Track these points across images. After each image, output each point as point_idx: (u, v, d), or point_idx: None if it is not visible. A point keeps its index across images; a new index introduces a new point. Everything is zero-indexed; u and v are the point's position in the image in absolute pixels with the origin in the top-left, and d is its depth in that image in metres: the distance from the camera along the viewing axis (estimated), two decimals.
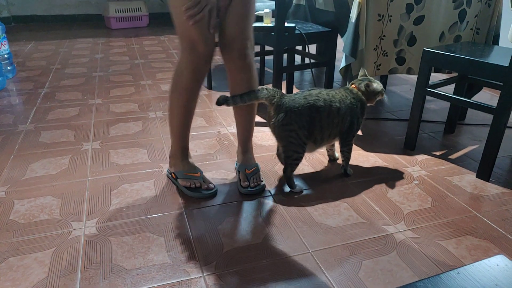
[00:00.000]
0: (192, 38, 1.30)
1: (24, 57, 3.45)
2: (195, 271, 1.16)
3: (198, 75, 1.39)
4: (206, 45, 1.32)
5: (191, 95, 1.43)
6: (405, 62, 2.02)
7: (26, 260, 1.19)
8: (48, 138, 1.97)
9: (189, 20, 1.24)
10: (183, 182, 1.53)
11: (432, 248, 1.26)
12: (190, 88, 1.41)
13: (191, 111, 1.48)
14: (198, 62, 1.35)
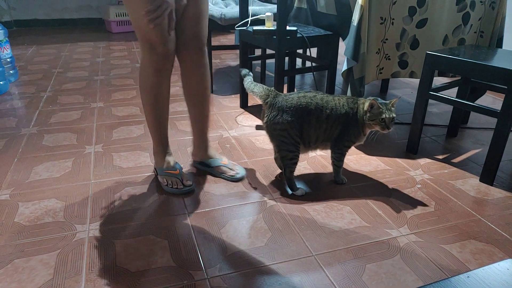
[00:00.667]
0: (151, 39, 1.34)
1: (26, 61, 3.46)
2: (199, 273, 1.16)
3: (161, 73, 1.44)
4: (165, 46, 1.37)
5: (157, 92, 1.48)
6: (408, 65, 2.02)
7: (32, 262, 1.19)
8: (51, 141, 1.97)
9: (149, 23, 1.28)
10: (161, 178, 1.59)
11: (436, 252, 1.26)
12: (155, 85, 1.46)
13: (161, 108, 1.52)
14: (158, 61, 1.40)
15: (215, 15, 2.46)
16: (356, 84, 1.88)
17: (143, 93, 1.50)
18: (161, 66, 1.42)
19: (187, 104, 1.63)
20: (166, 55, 1.40)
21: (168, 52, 1.39)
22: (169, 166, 1.59)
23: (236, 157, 1.84)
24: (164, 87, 1.48)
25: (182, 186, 1.55)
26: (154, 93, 1.48)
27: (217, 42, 4.29)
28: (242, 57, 2.32)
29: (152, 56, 1.39)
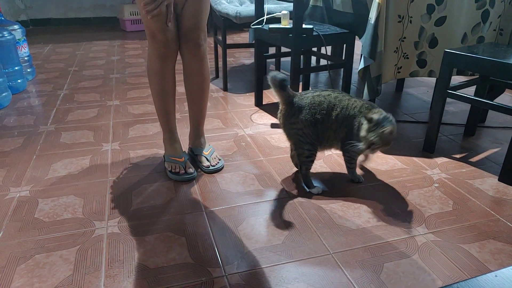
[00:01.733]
0: (151, 28, 1.48)
1: (43, 60, 3.51)
2: (217, 270, 1.16)
3: (163, 60, 1.55)
4: (164, 34, 1.49)
5: (161, 78, 1.59)
6: (427, 64, 2.00)
7: (52, 257, 1.21)
8: (68, 138, 1.99)
9: (147, 14, 1.41)
10: (167, 164, 1.68)
11: (455, 251, 1.25)
12: (159, 71, 1.57)
13: (166, 95, 1.63)
14: (159, 48, 1.52)
15: (230, 13, 2.46)
16: (373, 83, 1.87)
17: (150, 80, 1.62)
18: (163, 53, 1.53)
19: (186, 94, 1.72)
20: (165, 43, 1.51)
21: (167, 40, 1.51)
22: (175, 153, 1.69)
23: (252, 155, 1.84)
24: (167, 75, 1.59)
25: (184, 172, 1.64)
26: (159, 79, 1.59)
27: (231, 40, 4.30)
28: (257, 55, 2.32)
29: (154, 44, 1.52)
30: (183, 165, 1.66)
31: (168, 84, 1.61)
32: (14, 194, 1.53)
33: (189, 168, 1.66)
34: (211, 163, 1.72)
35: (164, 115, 1.67)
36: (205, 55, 1.63)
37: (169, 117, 1.68)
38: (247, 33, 4.80)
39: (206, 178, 1.65)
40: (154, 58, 1.55)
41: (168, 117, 1.68)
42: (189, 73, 1.65)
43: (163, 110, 1.66)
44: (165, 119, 1.68)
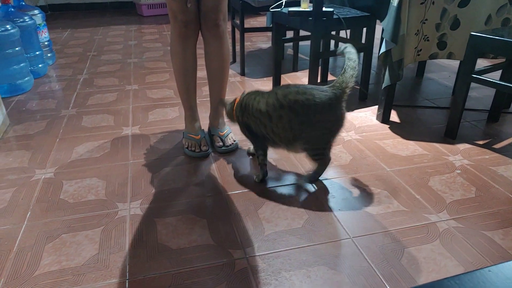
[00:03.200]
0: (173, 9, 1.55)
1: (62, 44, 3.54)
2: (238, 252, 1.18)
3: (184, 40, 1.62)
4: (184, 14, 1.55)
5: (183, 57, 1.66)
6: (447, 46, 1.96)
7: (78, 237, 1.24)
8: (89, 122, 2.02)
9: None
10: (184, 141, 1.76)
11: (477, 238, 1.24)
12: (181, 50, 1.65)
13: (187, 73, 1.70)
14: (180, 28, 1.59)
15: None
16: (395, 67, 1.84)
17: (172, 59, 1.69)
18: (184, 33, 1.60)
19: (208, 75, 1.77)
20: (185, 23, 1.58)
21: (187, 20, 1.57)
22: (193, 131, 1.76)
23: None
24: (188, 54, 1.66)
25: (199, 150, 1.71)
26: (180, 58, 1.66)
27: (248, 24, 4.26)
28: (276, 39, 2.30)
29: (175, 24, 1.59)
30: (198, 142, 1.72)
31: (189, 63, 1.68)
32: (39, 176, 1.56)
33: (204, 146, 1.72)
34: (224, 143, 1.76)
35: (185, 93, 1.74)
36: (224, 35, 1.67)
37: (189, 95, 1.74)
38: (263, 17, 4.75)
39: (225, 162, 1.66)
40: (176, 38, 1.63)
41: (188, 94, 1.74)
42: (209, 54, 1.70)
43: (185, 88, 1.72)
44: (186, 97, 1.75)
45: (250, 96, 1.46)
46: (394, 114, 2.12)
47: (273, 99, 1.36)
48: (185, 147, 1.73)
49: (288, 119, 1.34)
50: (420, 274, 1.11)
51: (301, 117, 1.33)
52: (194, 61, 1.70)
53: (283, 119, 1.35)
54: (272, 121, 1.37)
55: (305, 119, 1.34)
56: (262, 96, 1.42)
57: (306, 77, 2.68)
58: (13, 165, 1.64)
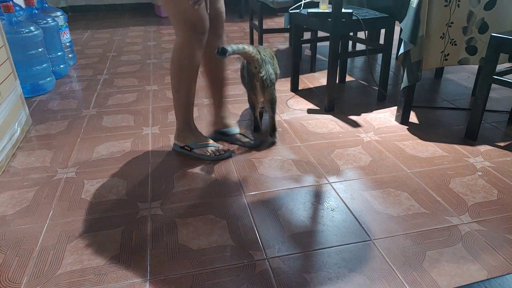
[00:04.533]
0: (195, 19, 1.49)
1: (82, 45, 3.60)
2: (258, 254, 1.18)
3: (200, 50, 1.57)
4: (204, 23, 1.53)
5: (197, 68, 1.61)
6: (477, 51, 1.91)
7: (100, 236, 1.26)
8: (110, 122, 2.05)
9: (196, 4, 1.44)
10: (200, 151, 1.70)
11: (500, 241, 1.22)
12: (197, 61, 1.59)
13: (195, 85, 1.65)
14: (201, 39, 1.55)
15: None
16: (413, 68, 1.82)
17: (184, 73, 1.59)
18: (202, 43, 1.56)
19: (211, 78, 1.77)
20: (205, 32, 1.55)
21: (207, 28, 1.55)
22: (202, 139, 1.73)
23: (289, 140, 1.84)
24: (199, 63, 1.62)
25: (223, 152, 1.71)
26: (195, 69, 1.60)
27: (265, 25, 4.27)
28: (294, 40, 2.30)
29: (195, 36, 1.52)
30: (216, 146, 1.72)
31: (197, 73, 1.64)
32: (61, 175, 1.59)
33: (222, 148, 1.73)
34: (249, 138, 1.80)
35: (189, 106, 1.68)
36: (224, 34, 1.71)
37: (192, 108, 1.70)
38: (281, 18, 4.75)
39: (245, 163, 1.67)
40: (193, 50, 1.54)
41: (191, 107, 1.69)
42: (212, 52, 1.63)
43: (190, 101, 1.67)
44: (189, 110, 1.69)
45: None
46: (413, 115, 2.10)
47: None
48: (207, 155, 1.69)
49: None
50: (443, 278, 1.09)
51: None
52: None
53: None
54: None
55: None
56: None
57: (324, 78, 2.67)
58: (36, 164, 1.67)
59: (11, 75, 1.87)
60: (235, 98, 2.34)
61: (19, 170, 1.63)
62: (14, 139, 1.79)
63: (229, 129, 1.84)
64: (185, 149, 1.72)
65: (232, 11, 5.15)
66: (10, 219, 1.35)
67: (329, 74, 2.09)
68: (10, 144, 1.73)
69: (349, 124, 2.01)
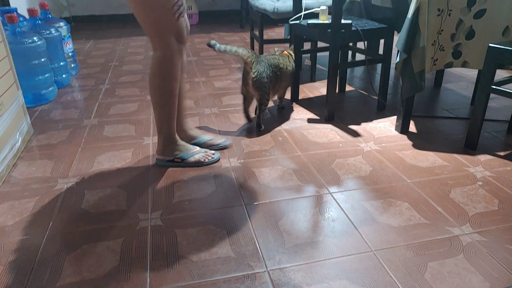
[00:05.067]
0: (178, 30, 1.48)
1: (85, 55, 3.62)
2: (258, 265, 1.18)
3: (180, 61, 1.56)
4: (187, 34, 1.54)
5: (179, 80, 1.59)
6: (461, 55, 1.94)
7: (99, 247, 1.25)
8: (111, 132, 2.06)
9: (181, 16, 1.46)
10: (194, 159, 1.72)
11: (502, 252, 1.22)
12: (179, 73, 1.57)
13: (177, 95, 1.63)
14: (182, 49, 1.54)
15: (268, 9, 2.46)
16: (417, 78, 1.83)
17: (170, 83, 1.56)
18: (182, 54, 1.55)
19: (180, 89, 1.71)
20: (185, 42, 1.55)
21: (187, 38, 1.55)
22: (190, 147, 1.75)
23: (289, 150, 1.85)
24: (179, 73, 1.60)
25: (212, 155, 1.76)
26: (178, 80, 1.59)
27: (266, 36, 4.29)
28: (295, 50, 2.31)
29: (177, 46, 1.51)
30: (203, 151, 1.76)
31: (179, 84, 1.62)
32: (62, 186, 1.59)
33: (211, 151, 1.77)
34: (220, 140, 1.87)
35: (173, 119, 1.65)
36: None
37: (175, 119, 1.67)
38: (281, 28, 4.78)
39: (245, 173, 1.67)
40: (175, 62, 1.52)
41: (175, 119, 1.66)
42: (183, 67, 1.65)
43: (174, 113, 1.64)
44: (173, 123, 1.66)
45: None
46: (412, 125, 2.10)
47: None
48: (202, 161, 1.71)
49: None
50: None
51: None
52: None
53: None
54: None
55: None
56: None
57: (324, 87, 2.68)
58: (36, 174, 1.68)
59: (13, 85, 1.88)
60: (235, 108, 2.34)
61: (20, 180, 1.63)
62: (15, 149, 1.79)
63: (198, 139, 1.84)
64: (176, 162, 1.71)
65: (233, 22, 5.18)
66: (9, 229, 1.34)
67: (329, 84, 2.10)
68: (11, 154, 1.74)
69: (349, 134, 2.01)
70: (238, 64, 3.26)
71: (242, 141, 1.93)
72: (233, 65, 3.22)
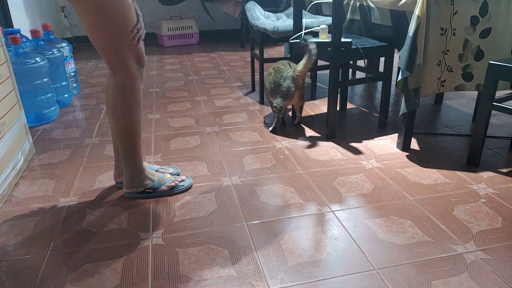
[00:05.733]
0: (138, 53, 1.43)
1: (86, 75, 3.65)
2: (261, 284, 1.16)
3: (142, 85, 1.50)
4: (144, 56, 1.47)
5: (141, 108, 1.53)
6: (473, 78, 1.94)
7: (100, 267, 1.24)
8: (112, 151, 2.05)
9: (141, 39, 1.41)
10: (165, 187, 1.64)
11: (508, 271, 1.20)
12: (141, 100, 1.51)
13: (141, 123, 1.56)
14: (142, 73, 1.49)
15: (268, 28, 2.49)
16: (411, 95, 1.84)
17: (134, 110, 1.48)
18: (142, 77, 1.50)
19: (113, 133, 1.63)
20: (144, 65, 1.49)
21: (145, 61, 1.48)
22: (160, 175, 1.67)
23: (290, 168, 1.85)
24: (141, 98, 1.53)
25: (182, 180, 1.68)
26: (141, 106, 1.52)
27: (266, 54, 4.34)
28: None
29: (138, 70, 1.45)
30: (173, 177, 1.69)
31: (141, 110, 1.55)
32: (63, 204, 1.59)
33: (181, 177, 1.70)
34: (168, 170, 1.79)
35: (140, 147, 1.57)
36: None
37: (141, 147, 1.59)
38: (281, 47, 4.83)
39: (246, 191, 1.67)
40: (138, 86, 1.46)
41: (141, 147, 1.58)
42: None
43: (139, 141, 1.56)
44: (140, 151, 1.58)
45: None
46: (414, 142, 2.11)
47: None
48: (173, 189, 1.64)
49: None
50: None
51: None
52: None
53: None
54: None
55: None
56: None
57: (324, 105, 2.69)
58: (38, 193, 1.67)
59: (16, 105, 1.90)
60: (235, 126, 2.35)
61: (21, 200, 1.63)
62: (17, 168, 1.79)
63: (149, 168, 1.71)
64: (147, 193, 1.61)
65: (233, 41, 5.25)
66: (11, 249, 1.34)
67: (329, 101, 2.11)
68: (13, 173, 1.74)
69: (350, 151, 2.01)
70: (239, 82, 3.28)
71: (243, 159, 1.94)
72: (234, 84, 3.24)
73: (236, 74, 3.59)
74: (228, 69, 3.78)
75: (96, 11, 1.30)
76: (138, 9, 1.40)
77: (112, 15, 1.32)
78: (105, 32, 1.35)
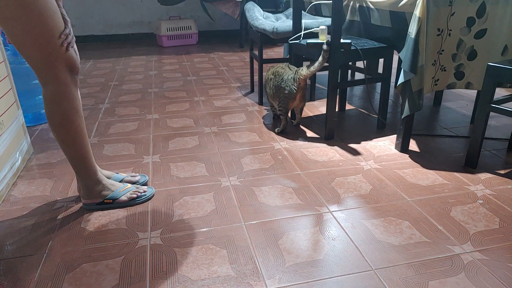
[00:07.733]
0: (71, 60, 1.35)
1: (85, 75, 3.65)
2: (259, 284, 1.17)
3: (77, 92, 1.42)
4: (78, 62, 1.39)
5: (82, 115, 1.45)
6: (464, 76, 1.96)
7: (98, 266, 1.24)
8: (110, 151, 2.06)
9: (70, 45, 1.33)
10: (125, 197, 1.57)
11: (504, 271, 1.21)
12: (80, 108, 1.44)
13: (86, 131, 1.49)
14: (77, 80, 1.41)
15: (267, 29, 2.50)
16: (415, 97, 1.85)
17: (72, 119, 1.41)
18: (77, 84, 1.41)
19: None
20: (79, 72, 1.41)
21: (79, 68, 1.41)
22: (120, 185, 1.60)
23: (289, 168, 1.85)
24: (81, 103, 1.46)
25: (144, 191, 1.62)
26: (81, 112, 1.44)
27: (265, 55, 4.34)
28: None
29: (72, 77, 1.37)
30: (134, 187, 1.63)
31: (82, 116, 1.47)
32: (61, 204, 1.59)
33: (143, 187, 1.64)
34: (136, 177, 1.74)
35: (90, 155, 1.51)
36: None
37: (92, 155, 1.52)
38: (280, 48, 4.83)
39: (245, 191, 1.67)
40: (73, 93, 1.39)
41: (92, 155, 1.52)
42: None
43: (89, 149, 1.50)
44: (92, 160, 1.52)
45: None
46: (413, 143, 2.11)
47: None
48: (134, 199, 1.58)
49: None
50: None
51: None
52: None
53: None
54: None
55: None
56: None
57: (323, 106, 2.70)
58: (36, 193, 1.67)
59: (14, 104, 1.90)
60: (234, 127, 2.35)
61: (19, 199, 1.63)
62: (15, 168, 1.79)
63: (114, 178, 1.68)
64: (106, 203, 1.56)
65: (233, 41, 5.25)
66: (9, 248, 1.33)
67: (328, 102, 2.11)
68: (11, 173, 1.73)
69: (349, 152, 2.01)
70: (238, 83, 3.28)
71: (242, 160, 1.94)
72: (233, 85, 3.25)
73: (235, 74, 3.59)
74: (227, 69, 3.78)
75: (18, 15, 1.20)
76: (66, 15, 1.33)
77: (36, 21, 1.23)
78: (31, 39, 1.25)
